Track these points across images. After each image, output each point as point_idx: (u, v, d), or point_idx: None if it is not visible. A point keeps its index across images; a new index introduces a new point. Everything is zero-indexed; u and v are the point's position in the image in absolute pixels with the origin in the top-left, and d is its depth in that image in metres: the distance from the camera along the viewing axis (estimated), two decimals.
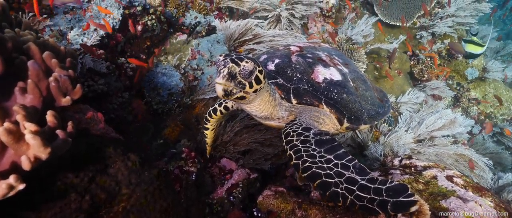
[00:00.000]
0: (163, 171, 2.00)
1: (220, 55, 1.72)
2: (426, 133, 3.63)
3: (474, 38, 5.07)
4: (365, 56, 5.18)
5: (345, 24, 5.66)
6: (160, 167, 2.51)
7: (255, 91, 1.83)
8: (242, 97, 1.81)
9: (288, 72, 2.23)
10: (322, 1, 5.21)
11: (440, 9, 6.22)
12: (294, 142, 1.88)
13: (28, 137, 1.17)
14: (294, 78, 2.20)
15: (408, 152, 3.30)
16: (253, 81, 1.77)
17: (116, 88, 3.03)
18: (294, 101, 2.12)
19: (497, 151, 5.57)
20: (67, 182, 1.44)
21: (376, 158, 3.33)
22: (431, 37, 6.26)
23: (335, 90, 2.22)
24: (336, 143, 1.87)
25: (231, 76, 1.68)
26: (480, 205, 1.88)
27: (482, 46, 4.96)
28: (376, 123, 2.63)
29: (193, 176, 2.61)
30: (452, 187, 2.09)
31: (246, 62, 1.70)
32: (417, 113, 4.16)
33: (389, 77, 5.54)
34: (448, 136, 3.70)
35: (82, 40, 2.86)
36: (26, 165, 1.17)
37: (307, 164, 1.73)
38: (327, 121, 2.24)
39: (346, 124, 2.23)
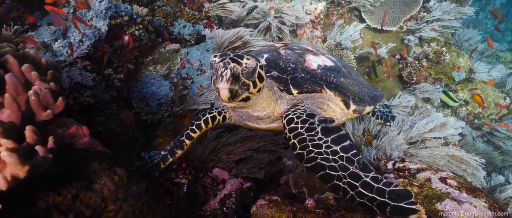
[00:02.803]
0: (152, 184, 1.93)
1: (215, 56, 1.55)
2: (418, 135, 3.63)
3: (451, 93, 6.06)
4: (354, 60, 5.22)
5: (334, 29, 5.71)
6: (150, 179, 2.44)
7: (259, 90, 1.68)
8: (247, 98, 1.65)
9: (280, 64, 2.13)
10: (311, 13, 5.25)
11: (426, 13, 6.34)
12: (299, 130, 1.76)
13: (4, 154, 1.10)
14: (288, 69, 2.10)
15: (401, 155, 3.29)
16: (257, 80, 1.63)
17: (103, 100, 2.95)
18: (294, 91, 2.00)
19: (487, 151, 5.64)
20: (48, 200, 1.36)
21: (369, 162, 3.31)
22: (419, 41, 6.36)
23: (332, 75, 2.15)
24: (342, 133, 1.77)
25: (235, 77, 1.51)
26: (475, 207, 1.87)
27: (456, 102, 6.06)
28: (377, 104, 2.54)
29: (185, 188, 2.54)
30: (446, 189, 2.08)
31: (247, 59, 1.55)
32: (409, 117, 4.18)
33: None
34: (440, 138, 3.72)
35: (66, 52, 2.79)
36: (1, 184, 1.10)
37: (312, 154, 1.65)
38: (332, 106, 2.14)
39: (353, 106, 2.14)
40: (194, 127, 2.26)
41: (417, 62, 6.10)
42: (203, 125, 2.24)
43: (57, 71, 1.77)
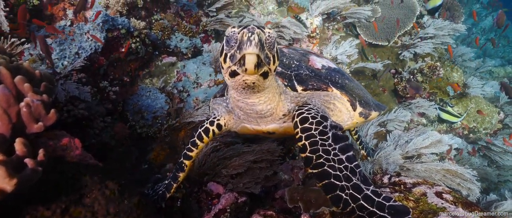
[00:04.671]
0: (145, 199, 1.89)
1: (233, 27, 1.42)
2: (414, 150, 3.65)
3: (450, 109, 5.92)
4: (350, 75, 5.26)
5: (330, 44, 5.78)
6: (143, 194, 2.40)
7: (275, 69, 1.58)
8: (266, 74, 1.53)
9: (284, 60, 2.10)
10: (308, 28, 5.32)
11: (420, 29, 6.47)
12: (312, 132, 1.68)
13: None
14: (292, 66, 2.06)
15: (397, 169, 3.28)
16: (276, 55, 1.53)
17: (97, 112, 2.94)
18: (299, 88, 1.93)
19: (482, 167, 5.63)
20: (37, 215, 1.32)
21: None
22: (413, 56, 6.45)
23: (337, 76, 2.12)
24: (348, 142, 1.72)
25: (261, 44, 1.39)
26: None
27: (458, 117, 5.80)
28: (381, 112, 2.49)
29: (178, 203, 2.49)
30: (442, 203, 2.06)
31: (269, 28, 1.45)
32: (405, 133, 4.21)
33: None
34: (436, 154, 3.74)
35: (62, 64, 2.79)
36: None
37: (321, 160, 1.59)
38: (338, 105, 2.08)
39: (359, 108, 2.10)
40: (190, 146, 2.20)
41: (411, 76, 6.17)
42: (198, 141, 2.18)
43: (51, 83, 1.77)
